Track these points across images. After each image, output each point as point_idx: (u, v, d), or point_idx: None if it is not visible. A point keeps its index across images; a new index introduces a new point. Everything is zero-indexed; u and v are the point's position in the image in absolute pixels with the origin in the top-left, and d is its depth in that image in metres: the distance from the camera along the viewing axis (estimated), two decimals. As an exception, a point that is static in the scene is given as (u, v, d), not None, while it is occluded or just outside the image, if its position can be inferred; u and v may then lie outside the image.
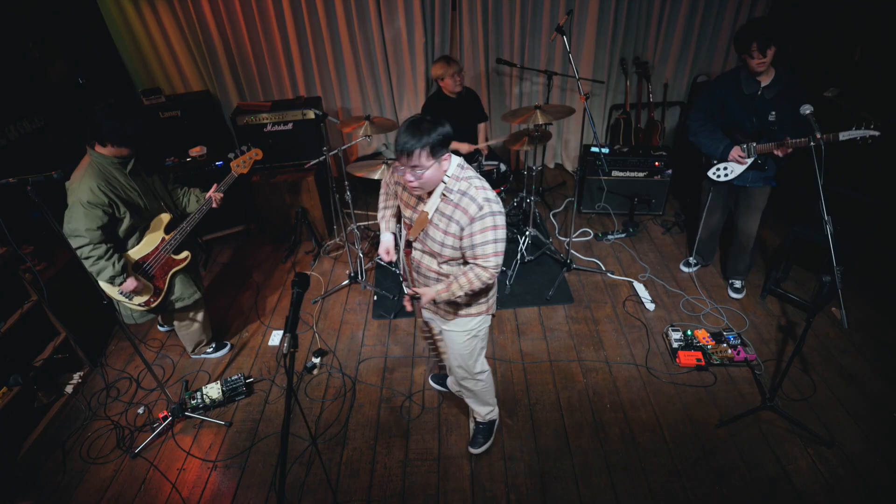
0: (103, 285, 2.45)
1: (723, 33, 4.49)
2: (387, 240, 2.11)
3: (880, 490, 2.26)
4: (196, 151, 3.95)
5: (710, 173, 3.06)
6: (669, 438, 2.52)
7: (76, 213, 2.24)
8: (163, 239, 2.56)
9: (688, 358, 2.89)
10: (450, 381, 2.72)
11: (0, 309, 2.62)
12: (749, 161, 2.88)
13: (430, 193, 1.81)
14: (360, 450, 2.53)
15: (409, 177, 1.68)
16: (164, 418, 2.67)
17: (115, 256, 2.38)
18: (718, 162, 2.99)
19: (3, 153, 3.03)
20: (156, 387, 2.87)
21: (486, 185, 1.79)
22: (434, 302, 1.91)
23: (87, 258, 2.31)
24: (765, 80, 2.72)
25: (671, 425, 2.58)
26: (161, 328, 3.38)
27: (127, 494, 2.40)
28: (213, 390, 2.79)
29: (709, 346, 2.94)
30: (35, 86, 3.39)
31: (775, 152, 2.72)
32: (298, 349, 2.35)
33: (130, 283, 2.44)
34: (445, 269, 1.92)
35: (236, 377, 2.85)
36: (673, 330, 3.06)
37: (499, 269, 1.83)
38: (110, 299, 2.30)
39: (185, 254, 2.68)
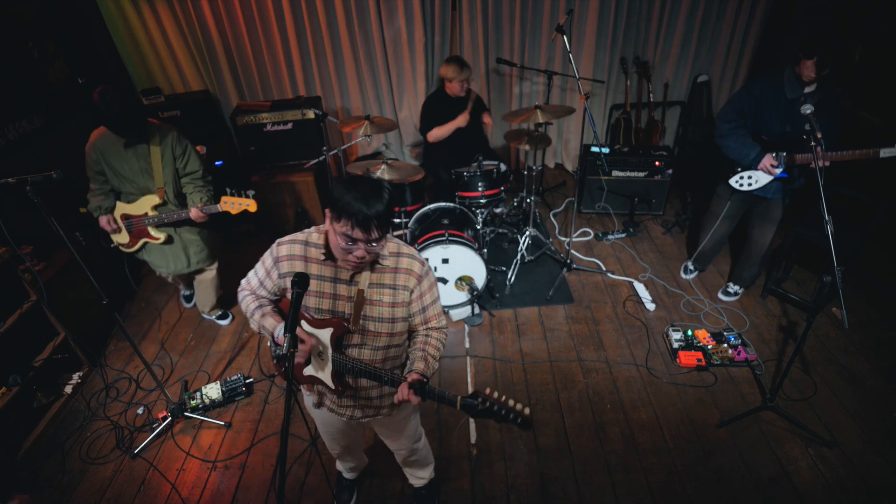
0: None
1: (723, 33, 4.49)
2: (278, 328, 1.55)
3: (880, 490, 2.26)
4: (196, 151, 3.96)
5: (732, 181, 2.90)
6: (669, 439, 2.52)
7: None
8: (145, 213, 2.75)
9: (688, 358, 2.89)
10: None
11: (0, 309, 2.61)
12: (780, 172, 2.72)
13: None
14: (360, 450, 2.52)
15: (361, 253, 1.36)
16: (164, 418, 2.67)
17: (100, 197, 2.73)
18: (743, 170, 2.84)
19: (2, 153, 3.03)
20: (155, 387, 2.87)
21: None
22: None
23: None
24: (809, 87, 2.58)
25: (671, 426, 2.58)
26: (186, 305, 3.61)
27: (127, 495, 2.40)
28: (213, 390, 2.79)
29: (709, 347, 2.94)
30: (35, 86, 3.39)
31: (812, 165, 2.33)
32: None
33: (102, 220, 2.75)
34: (393, 352, 1.60)
35: (236, 377, 2.85)
36: (673, 330, 3.06)
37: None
38: (110, 300, 2.31)
39: (163, 236, 2.83)
